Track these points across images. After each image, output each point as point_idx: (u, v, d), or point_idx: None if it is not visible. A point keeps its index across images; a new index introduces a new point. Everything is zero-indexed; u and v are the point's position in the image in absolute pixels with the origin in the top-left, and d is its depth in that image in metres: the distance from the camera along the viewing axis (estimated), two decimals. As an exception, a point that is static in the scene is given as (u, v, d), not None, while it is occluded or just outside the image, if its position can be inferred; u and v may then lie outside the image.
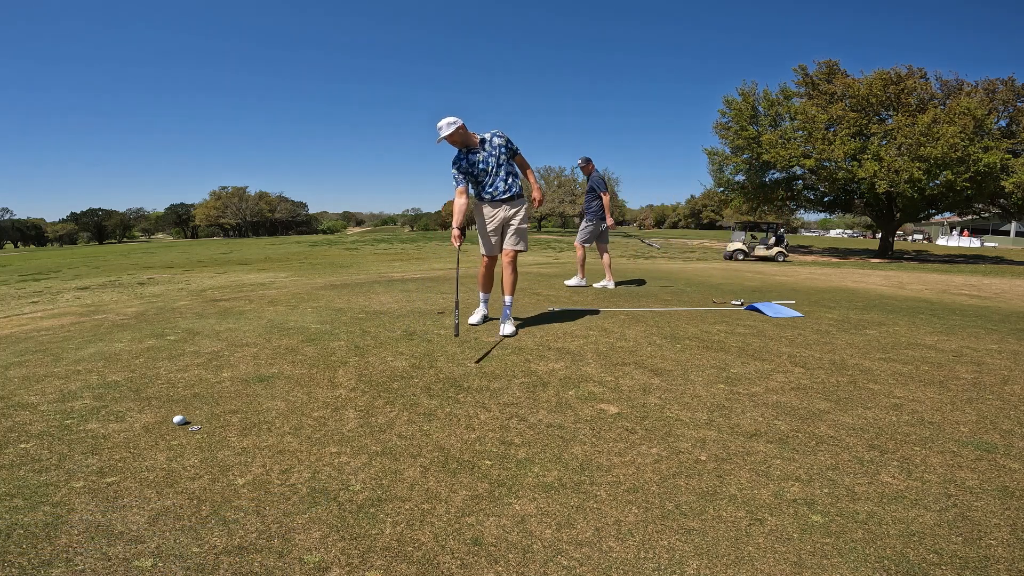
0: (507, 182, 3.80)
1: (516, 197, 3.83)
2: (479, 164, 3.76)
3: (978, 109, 18.15)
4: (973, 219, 39.15)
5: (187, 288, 8.29)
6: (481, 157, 3.75)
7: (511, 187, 3.82)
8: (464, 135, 3.66)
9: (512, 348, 3.32)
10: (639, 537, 1.40)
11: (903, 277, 10.14)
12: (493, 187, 3.80)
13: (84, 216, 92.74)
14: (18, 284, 11.19)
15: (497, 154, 3.77)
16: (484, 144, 3.76)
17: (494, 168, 3.76)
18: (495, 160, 3.76)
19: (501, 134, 3.79)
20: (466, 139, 3.68)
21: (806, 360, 3.11)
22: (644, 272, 9.18)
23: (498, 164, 3.76)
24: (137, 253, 26.37)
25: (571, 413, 2.25)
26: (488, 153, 3.75)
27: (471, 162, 3.74)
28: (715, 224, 75.61)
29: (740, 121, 23.00)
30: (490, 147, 3.76)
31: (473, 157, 3.75)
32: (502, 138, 3.79)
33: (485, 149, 3.74)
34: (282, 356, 3.13)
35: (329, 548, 1.35)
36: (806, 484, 1.67)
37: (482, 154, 3.75)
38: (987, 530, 1.43)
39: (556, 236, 35.66)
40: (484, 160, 3.75)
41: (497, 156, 3.76)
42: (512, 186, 3.82)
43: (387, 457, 1.85)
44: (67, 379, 2.72)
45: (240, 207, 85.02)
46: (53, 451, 1.88)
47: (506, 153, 3.80)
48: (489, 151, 3.75)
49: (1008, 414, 2.27)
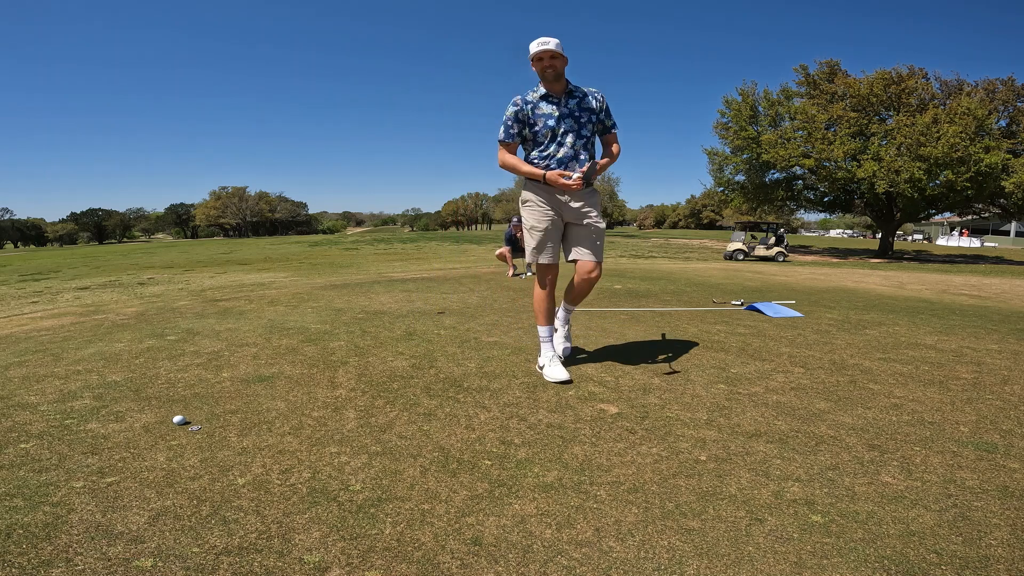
0: (580, 159, 2.67)
1: (587, 183, 2.66)
2: (547, 120, 2.63)
3: (978, 109, 18.17)
4: (973, 219, 39.12)
5: (187, 288, 8.29)
6: (556, 111, 2.63)
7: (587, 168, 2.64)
8: (554, 67, 2.56)
9: (512, 348, 3.32)
10: (639, 537, 1.40)
11: (903, 277, 10.14)
12: (561, 163, 2.66)
13: (84, 216, 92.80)
14: (18, 284, 11.19)
15: (580, 119, 2.66)
16: (570, 97, 2.66)
17: (567, 134, 2.64)
18: (574, 124, 2.64)
19: (601, 98, 2.72)
20: (554, 74, 2.59)
21: (806, 360, 3.10)
22: (644, 272, 9.18)
23: (576, 133, 2.65)
24: (137, 253, 26.37)
25: (571, 413, 2.25)
26: (569, 112, 2.65)
27: (538, 113, 2.64)
28: (715, 224, 75.62)
29: (740, 121, 23.00)
30: (576, 106, 2.66)
31: (546, 106, 2.64)
32: (600, 102, 2.71)
33: (567, 105, 2.65)
34: (282, 356, 3.13)
35: (329, 548, 1.35)
36: (806, 484, 1.67)
37: (560, 108, 2.64)
38: (987, 530, 1.43)
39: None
40: (558, 117, 2.63)
41: (578, 120, 2.65)
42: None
43: (387, 457, 1.85)
44: (67, 379, 2.72)
45: (240, 207, 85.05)
46: (53, 451, 1.88)
47: (594, 124, 2.71)
48: (571, 109, 2.65)
49: (1008, 414, 2.27)
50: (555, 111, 2.64)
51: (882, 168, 18.81)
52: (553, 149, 2.66)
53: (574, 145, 2.66)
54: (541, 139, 2.66)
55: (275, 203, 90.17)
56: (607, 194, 61.25)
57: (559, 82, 2.64)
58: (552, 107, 2.64)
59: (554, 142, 2.65)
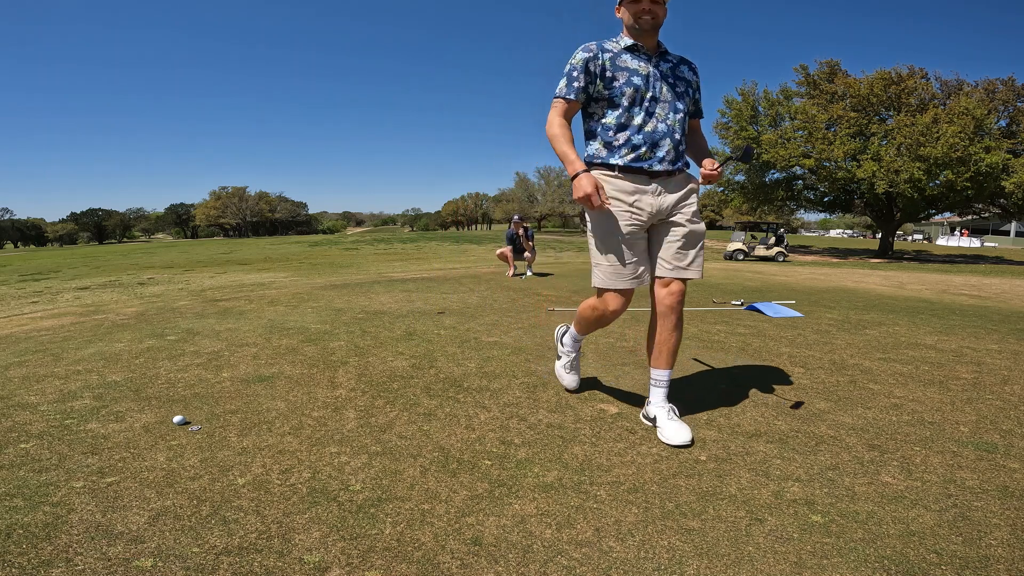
0: (675, 139, 1.98)
1: (681, 171, 2.04)
2: (632, 77, 1.93)
3: (978, 109, 18.17)
4: (973, 219, 39.15)
5: (187, 288, 8.29)
6: (646, 68, 1.96)
7: (681, 152, 2.01)
8: (655, 15, 1.92)
9: (512, 348, 3.32)
10: (639, 537, 1.40)
11: (903, 277, 10.14)
12: (648, 140, 1.95)
13: (84, 216, 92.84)
14: (18, 284, 11.19)
15: (677, 88, 1.99)
16: (663, 59, 2.01)
17: (658, 103, 1.95)
18: (669, 93, 1.97)
19: (696, 71, 2.11)
20: (652, 23, 1.94)
21: (806, 360, 3.10)
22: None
23: (672, 105, 1.97)
24: (137, 253, 26.37)
25: (571, 413, 2.25)
26: (662, 75, 1.97)
27: (620, 65, 1.94)
28: (715, 224, 75.64)
29: (740, 121, 23.01)
30: (670, 72, 2.00)
31: (631, 59, 1.96)
32: (695, 76, 2.09)
33: (659, 67, 1.98)
34: (282, 356, 3.13)
35: (329, 548, 1.35)
36: (806, 484, 1.67)
37: (651, 67, 1.97)
38: (987, 530, 1.43)
39: (556, 236, 35.65)
40: (647, 77, 1.95)
41: (674, 88, 1.98)
42: (683, 152, 2.04)
43: (387, 457, 1.85)
44: (67, 379, 2.72)
45: (240, 207, 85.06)
46: (53, 451, 1.88)
47: (689, 98, 2.04)
48: (664, 73, 1.98)
49: (1008, 414, 2.27)
50: (644, 68, 1.96)
51: (882, 168, 18.82)
52: (639, 118, 1.94)
53: (667, 119, 1.96)
54: (618, 100, 1.94)
55: (275, 203, 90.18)
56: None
57: (654, 37, 1.98)
58: (641, 63, 1.96)
59: (640, 109, 1.94)
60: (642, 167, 1.96)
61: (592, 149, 2.04)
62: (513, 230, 8.43)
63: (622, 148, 1.97)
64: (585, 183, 1.87)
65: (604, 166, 2.00)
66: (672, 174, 2.00)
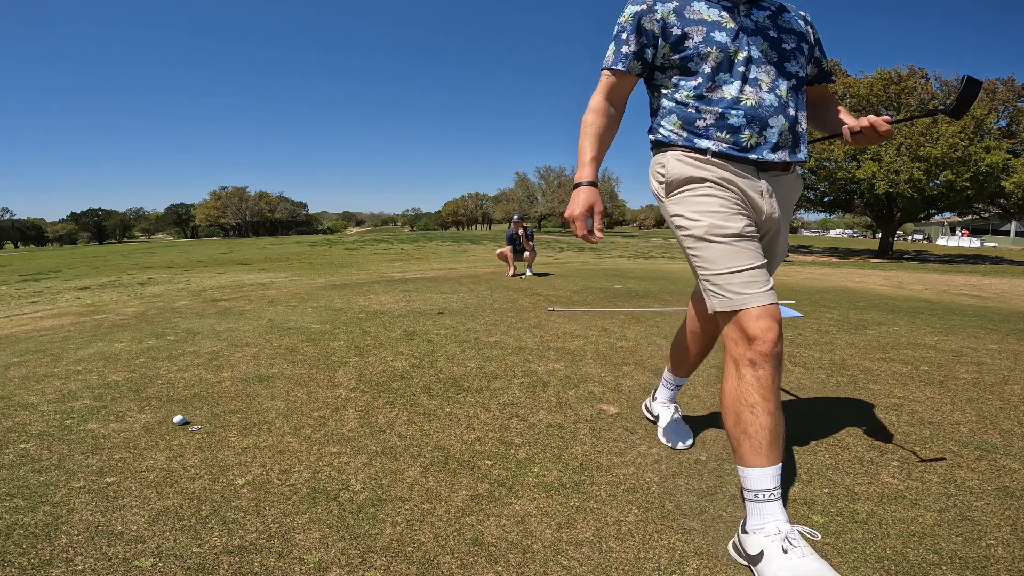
0: (790, 115, 1.41)
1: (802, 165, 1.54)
2: (712, 33, 1.40)
3: (977, 109, 18.17)
4: (973, 219, 39.15)
5: (187, 288, 8.29)
6: (730, 22, 1.42)
7: (800, 135, 1.44)
8: None
9: (512, 348, 3.32)
10: (639, 537, 1.40)
11: (903, 277, 10.14)
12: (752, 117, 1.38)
13: (84, 216, 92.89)
14: (18, 284, 11.19)
15: (782, 43, 1.44)
16: (755, 5, 1.46)
17: (756, 65, 1.40)
18: (771, 51, 1.42)
19: (809, 19, 1.55)
20: None
21: (806, 360, 3.10)
22: (645, 272, 9.18)
23: (777, 67, 1.41)
24: (137, 253, 26.36)
25: (571, 413, 2.25)
26: (756, 27, 1.43)
27: (690, 18, 1.42)
28: (715, 224, 75.47)
29: (740, 121, 22.98)
30: (768, 21, 1.45)
31: (708, 9, 1.43)
32: (810, 25, 1.55)
33: (751, 16, 1.43)
34: (282, 356, 3.13)
35: (329, 548, 1.35)
36: (806, 484, 1.67)
37: (739, 18, 1.42)
38: (987, 530, 1.43)
39: (557, 236, 35.65)
40: (736, 32, 1.41)
41: (777, 44, 1.43)
42: (803, 136, 1.46)
43: (387, 457, 1.85)
44: (67, 379, 2.72)
45: (240, 207, 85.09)
46: (53, 451, 1.88)
47: (804, 56, 1.49)
48: (759, 24, 1.43)
49: (1008, 414, 2.27)
50: (728, 21, 1.41)
51: (882, 168, 18.83)
52: (733, 88, 1.38)
53: (777, 88, 1.39)
54: (695, 66, 1.41)
55: (275, 203, 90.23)
56: (607, 194, 59.64)
57: None
58: (723, 13, 1.42)
59: (731, 76, 1.39)
60: (747, 157, 1.39)
61: (666, 130, 1.47)
62: (513, 230, 8.43)
63: (713, 129, 1.40)
64: (581, 199, 1.43)
65: (690, 149, 1.43)
66: (789, 168, 1.46)
